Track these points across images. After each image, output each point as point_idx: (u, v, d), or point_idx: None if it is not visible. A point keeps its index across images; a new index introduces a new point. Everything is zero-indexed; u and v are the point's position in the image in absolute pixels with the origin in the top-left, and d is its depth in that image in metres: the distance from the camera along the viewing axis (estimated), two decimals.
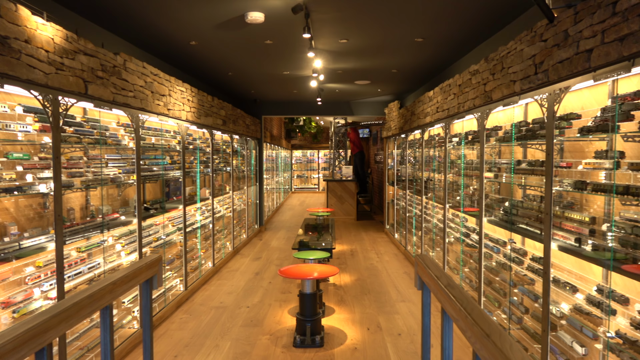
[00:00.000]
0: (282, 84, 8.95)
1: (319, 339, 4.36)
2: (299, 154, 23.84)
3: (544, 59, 3.15)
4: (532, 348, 3.67)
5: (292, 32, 5.24)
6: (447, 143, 5.75)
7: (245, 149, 10.04)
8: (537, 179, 3.73)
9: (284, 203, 18.20)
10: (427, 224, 6.97)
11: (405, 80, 8.60)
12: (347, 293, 6.06)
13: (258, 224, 11.38)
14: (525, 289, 3.84)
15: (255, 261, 8.05)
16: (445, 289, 1.73)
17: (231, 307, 5.54)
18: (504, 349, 1.18)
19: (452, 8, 4.46)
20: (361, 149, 15.36)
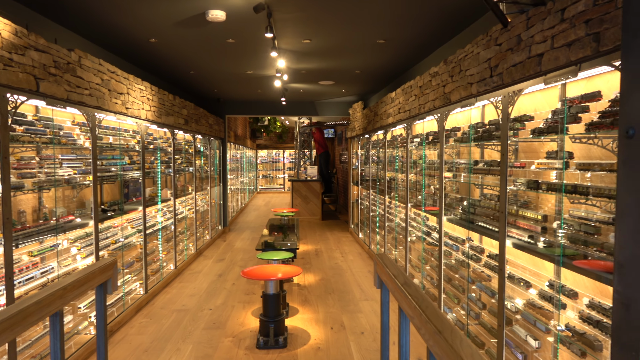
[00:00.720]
0: (245, 84, 8.87)
1: (282, 339, 4.35)
2: (264, 154, 23.70)
3: (499, 62, 3.25)
4: (490, 343, 3.79)
5: (255, 32, 5.21)
6: (409, 143, 5.85)
7: (209, 149, 9.89)
8: (493, 179, 3.84)
9: (249, 203, 18.04)
10: (390, 223, 7.07)
11: (368, 81, 8.70)
12: (311, 293, 6.07)
13: (222, 225, 11.23)
14: (483, 286, 3.96)
15: (218, 263, 7.94)
16: (401, 287, 1.75)
17: (193, 309, 5.45)
18: (455, 344, 1.21)
19: (413, 11, 4.55)
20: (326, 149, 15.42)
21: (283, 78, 7.62)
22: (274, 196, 21.30)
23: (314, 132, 15.46)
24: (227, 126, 11.46)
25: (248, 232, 11.13)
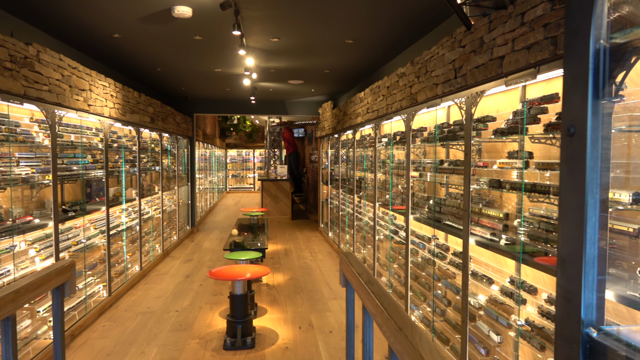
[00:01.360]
0: (214, 82, 8.75)
1: (250, 340, 4.31)
2: (234, 153, 23.45)
3: (463, 64, 3.32)
4: (454, 338, 3.86)
5: (222, 29, 5.14)
6: (377, 143, 5.90)
7: (176, 148, 9.72)
8: (458, 178, 3.92)
9: (218, 203, 17.83)
10: (359, 222, 7.12)
11: (338, 81, 8.73)
12: (280, 293, 6.05)
13: (190, 225, 11.05)
14: (448, 283, 4.03)
15: (186, 263, 7.81)
16: (365, 285, 1.76)
17: (159, 311, 5.34)
18: (414, 341, 1.22)
19: (381, 12, 4.59)
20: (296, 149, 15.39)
21: (252, 77, 7.56)
22: (244, 196, 21.12)
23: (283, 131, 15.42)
24: (195, 125, 11.28)
25: (217, 232, 10.99)
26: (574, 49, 0.56)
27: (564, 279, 0.58)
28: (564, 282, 0.58)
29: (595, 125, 0.54)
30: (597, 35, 0.53)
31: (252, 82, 8.42)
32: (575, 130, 0.56)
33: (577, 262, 0.55)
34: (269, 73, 7.83)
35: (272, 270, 7.22)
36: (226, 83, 8.86)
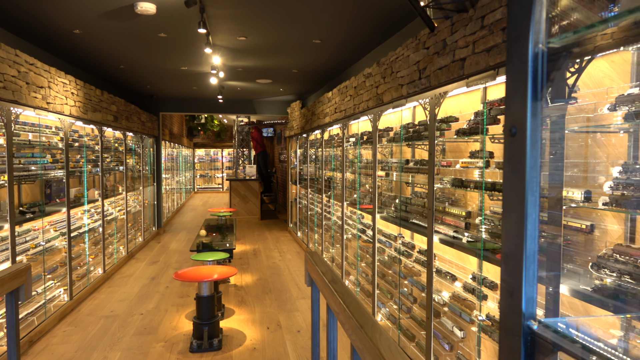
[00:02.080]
0: (180, 80, 8.60)
1: (216, 342, 4.27)
2: (201, 152, 23.12)
3: (427, 65, 3.38)
4: (420, 335, 3.93)
5: (188, 27, 5.06)
6: (345, 143, 5.94)
7: (141, 147, 9.50)
8: (423, 177, 4.00)
9: (186, 204, 17.54)
10: (328, 221, 7.15)
11: (306, 81, 8.73)
12: (248, 293, 6.01)
13: (156, 226, 10.83)
14: (414, 280, 4.10)
15: (151, 265, 7.65)
16: (329, 284, 1.77)
17: (123, 315, 5.21)
18: (374, 338, 1.24)
19: (347, 12, 4.62)
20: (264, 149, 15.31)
21: (219, 75, 7.47)
22: (212, 196, 20.85)
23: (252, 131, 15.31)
24: (161, 124, 11.06)
25: (184, 233, 10.81)
26: (515, 53, 0.58)
27: (507, 274, 0.60)
28: (506, 277, 0.61)
29: (534, 126, 0.57)
30: (535, 40, 0.55)
31: (219, 81, 8.33)
32: (516, 130, 0.58)
33: (518, 257, 0.58)
34: (237, 72, 7.76)
35: (240, 271, 7.16)
36: (193, 81, 8.73)
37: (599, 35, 0.51)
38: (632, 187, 1.88)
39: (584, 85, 2.46)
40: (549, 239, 2.42)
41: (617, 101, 1.98)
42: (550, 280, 2.21)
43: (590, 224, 2.26)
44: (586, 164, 2.42)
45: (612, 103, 2.03)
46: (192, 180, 22.22)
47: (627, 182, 1.91)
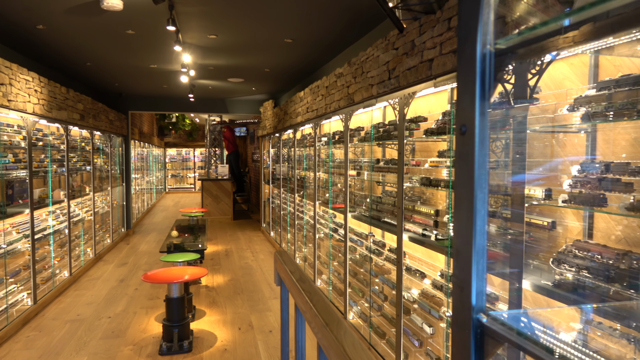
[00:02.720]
0: (150, 78, 8.44)
1: (187, 344, 4.21)
2: (173, 152, 22.75)
3: (396, 65, 3.42)
4: (390, 332, 3.98)
5: (157, 24, 4.97)
6: (317, 142, 5.95)
7: (109, 147, 9.28)
8: (393, 177, 4.04)
9: (157, 204, 17.23)
10: (301, 221, 7.14)
11: (278, 80, 8.71)
12: (219, 294, 5.95)
13: (125, 227, 10.60)
14: (385, 278, 4.14)
15: (120, 267, 7.48)
16: (296, 283, 1.78)
17: (90, 318, 5.08)
18: (339, 335, 1.25)
19: (318, 12, 4.63)
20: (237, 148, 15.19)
21: (190, 73, 7.37)
22: (184, 196, 20.55)
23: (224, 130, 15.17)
24: (130, 122, 10.83)
25: (154, 234, 10.62)
26: (464, 54, 0.60)
27: (458, 269, 0.62)
28: (457, 272, 0.62)
29: (483, 125, 0.58)
30: (483, 41, 0.57)
31: (190, 80, 8.21)
32: (466, 129, 0.60)
33: (467, 252, 0.59)
34: (208, 70, 7.67)
35: (212, 272, 7.08)
36: (163, 80, 8.58)
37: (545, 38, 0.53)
38: (589, 185, 1.96)
39: (546, 87, 2.54)
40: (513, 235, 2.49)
41: (575, 102, 2.06)
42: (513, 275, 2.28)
43: (551, 221, 2.33)
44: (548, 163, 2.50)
45: (571, 104, 2.10)
46: (163, 180, 21.84)
47: (584, 180, 1.98)
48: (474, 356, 0.58)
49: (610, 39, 1.77)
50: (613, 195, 1.91)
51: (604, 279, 1.90)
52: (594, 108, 1.94)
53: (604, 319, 1.87)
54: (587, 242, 2.12)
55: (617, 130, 2.15)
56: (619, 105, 1.83)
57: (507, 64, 0.60)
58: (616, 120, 1.84)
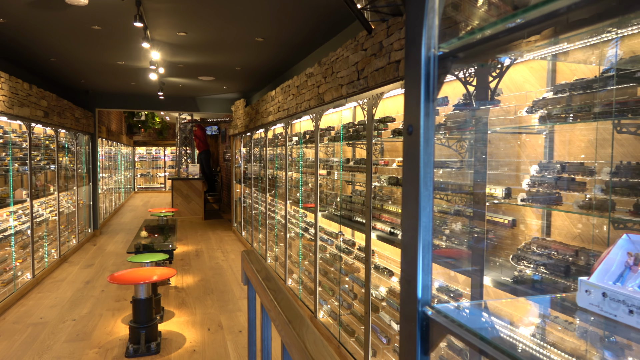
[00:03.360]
0: (117, 75, 8.26)
1: (154, 345, 4.15)
2: (142, 151, 22.30)
3: (365, 66, 3.46)
4: (359, 330, 4.02)
5: (124, 20, 4.88)
6: (288, 142, 5.95)
7: (75, 145, 9.03)
8: (363, 176, 4.09)
9: (125, 204, 16.86)
10: (272, 220, 7.13)
11: (250, 79, 8.66)
12: (189, 295, 5.88)
13: (92, 228, 10.34)
14: (355, 277, 4.18)
15: (86, 269, 7.30)
16: (262, 282, 1.78)
17: (54, 321, 4.94)
18: (301, 333, 1.26)
19: (289, 11, 4.63)
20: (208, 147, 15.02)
21: (159, 71, 7.25)
22: (154, 196, 20.18)
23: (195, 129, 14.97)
24: (97, 120, 10.57)
25: (122, 235, 10.40)
26: (411, 56, 0.62)
27: (405, 263, 0.64)
28: (405, 266, 0.65)
29: (427, 125, 0.61)
30: (428, 44, 0.59)
31: (159, 77, 8.07)
32: (412, 129, 0.62)
33: (414, 247, 0.62)
34: (178, 68, 7.56)
35: (181, 272, 6.99)
36: (131, 77, 8.41)
37: (483, 42, 0.56)
38: (546, 184, 2.03)
39: (508, 89, 2.62)
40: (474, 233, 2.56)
41: (533, 104, 2.13)
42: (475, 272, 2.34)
43: (511, 219, 2.41)
44: (510, 163, 2.58)
45: (530, 106, 2.17)
46: (132, 180, 21.38)
47: (542, 180, 2.06)
48: (419, 347, 0.61)
49: (565, 44, 1.85)
50: (568, 194, 1.99)
51: (561, 274, 1.98)
52: (550, 110, 2.02)
53: (560, 313, 1.94)
54: (544, 239, 2.20)
55: (573, 132, 2.24)
56: (574, 108, 1.91)
57: (450, 67, 0.62)
58: (567, 122, 1.92)
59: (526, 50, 1.35)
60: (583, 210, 1.84)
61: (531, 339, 0.63)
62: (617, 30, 1.66)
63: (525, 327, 0.70)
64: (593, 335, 0.68)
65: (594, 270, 0.67)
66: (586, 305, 0.65)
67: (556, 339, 0.68)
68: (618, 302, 0.59)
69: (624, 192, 1.74)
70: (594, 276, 0.66)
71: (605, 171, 1.85)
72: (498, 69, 2.10)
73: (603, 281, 0.64)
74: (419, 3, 0.58)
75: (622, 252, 0.66)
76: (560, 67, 2.34)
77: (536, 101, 2.14)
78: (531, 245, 2.20)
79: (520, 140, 2.56)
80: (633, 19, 1.61)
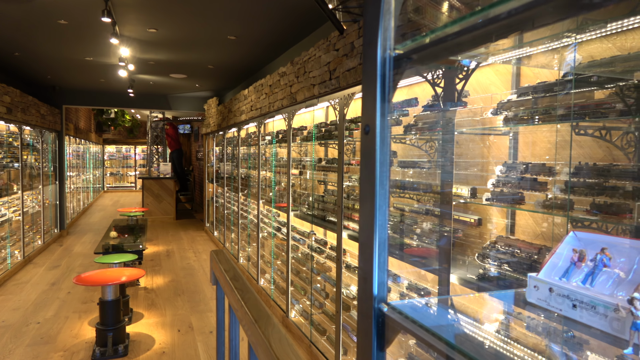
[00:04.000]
0: (85, 71, 8.05)
1: (122, 348, 4.06)
2: (112, 149, 21.79)
3: (336, 66, 3.48)
4: (330, 329, 4.04)
5: (92, 14, 4.76)
6: (261, 141, 5.92)
7: (41, 143, 8.75)
8: (335, 176, 4.11)
9: (94, 203, 16.46)
10: (245, 220, 7.08)
11: (223, 77, 8.58)
12: (159, 296, 5.78)
13: (58, 228, 10.05)
14: (327, 276, 4.20)
15: (52, 270, 7.09)
16: (230, 281, 1.77)
17: (17, 325, 4.78)
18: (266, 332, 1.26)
19: (262, 10, 4.61)
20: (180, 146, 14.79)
21: (129, 68, 7.10)
22: (124, 195, 19.75)
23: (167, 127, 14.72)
24: (64, 117, 10.27)
25: (90, 235, 10.14)
26: (367, 57, 0.63)
27: (362, 261, 0.65)
28: (362, 264, 0.66)
29: (383, 125, 0.62)
30: (384, 46, 0.61)
31: (129, 74, 7.91)
32: (369, 129, 0.63)
33: (370, 245, 0.63)
34: (148, 65, 7.43)
35: (151, 273, 6.87)
36: (100, 73, 8.21)
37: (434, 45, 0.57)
38: (509, 184, 2.09)
39: (474, 92, 2.68)
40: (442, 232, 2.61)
41: (498, 106, 2.19)
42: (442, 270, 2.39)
43: (478, 218, 2.46)
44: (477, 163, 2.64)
45: (495, 108, 2.23)
46: (102, 179, 20.88)
47: (505, 180, 2.12)
48: (375, 343, 0.62)
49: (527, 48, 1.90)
50: (531, 193, 2.05)
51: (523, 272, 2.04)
52: (514, 112, 2.07)
53: (514, 307, 2.00)
54: (508, 238, 2.27)
55: (536, 134, 2.31)
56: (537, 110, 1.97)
57: (405, 68, 0.64)
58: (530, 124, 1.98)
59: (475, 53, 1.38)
60: (544, 210, 1.90)
61: (481, 332, 0.65)
62: (575, 36, 1.72)
63: (478, 322, 0.72)
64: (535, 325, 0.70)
65: (542, 266, 0.70)
66: (534, 300, 0.67)
67: (507, 331, 0.71)
68: (563, 297, 0.61)
69: (583, 191, 1.80)
70: (542, 272, 0.69)
71: (565, 172, 1.91)
72: (464, 71, 2.15)
73: (550, 277, 0.67)
74: (376, 5, 0.59)
75: (569, 248, 0.69)
76: (525, 70, 2.40)
77: (501, 103, 2.20)
78: (496, 244, 2.26)
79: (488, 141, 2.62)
80: (591, 25, 1.68)
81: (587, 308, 0.58)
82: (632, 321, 0.52)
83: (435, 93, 2.28)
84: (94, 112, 18.05)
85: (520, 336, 0.70)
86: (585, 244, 0.69)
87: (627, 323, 0.53)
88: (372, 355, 0.61)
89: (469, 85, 2.56)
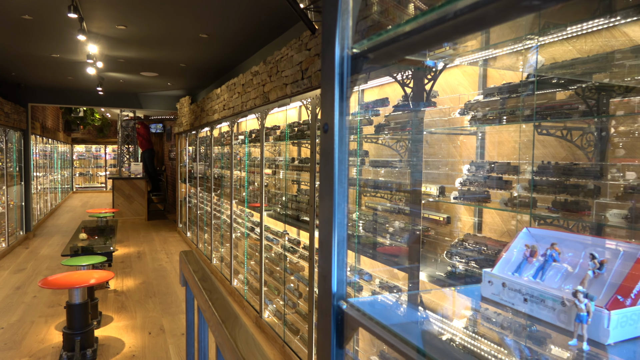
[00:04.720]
0: (52, 69, 7.82)
1: (90, 352, 3.97)
2: (81, 149, 21.23)
3: (308, 66, 3.48)
4: (304, 328, 4.04)
5: (57, 10, 4.62)
6: (234, 141, 5.88)
7: (5, 142, 8.46)
8: (308, 175, 4.11)
9: (62, 205, 16.00)
10: (218, 220, 7.01)
11: (195, 76, 8.47)
12: (129, 298, 5.67)
13: (24, 230, 9.73)
14: (300, 275, 4.20)
15: (17, 273, 6.86)
16: (198, 282, 1.75)
17: None
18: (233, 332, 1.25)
19: (234, 9, 4.57)
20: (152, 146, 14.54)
21: (97, 65, 6.93)
22: (94, 196, 19.28)
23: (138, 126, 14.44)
24: (30, 116, 9.95)
25: (58, 237, 9.86)
26: (326, 56, 0.63)
27: (322, 259, 0.66)
28: (321, 262, 0.66)
29: (342, 124, 0.63)
30: (342, 45, 0.61)
31: (98, 72, 7.72)
32: (328, 128, 0.63)
33: (329, 243, 0.63)
34: (118, 63, 7.27)
35: (122, 275, 6.73)
36: (67, 71, 7.99)
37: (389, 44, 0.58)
38: (476, 183, 2.13)
39: (443, 92, 2.72)
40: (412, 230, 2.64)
41: (465, 107, 2.23)
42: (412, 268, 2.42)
43: (446, 216, 2.51)
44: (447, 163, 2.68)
45: (462, 108, 2.27)
46: (71, 179, 20.32)
47: (472, 179, 2.16)
48: (334, 341, 0.62)
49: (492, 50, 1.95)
50: (496, 192, 2.10)
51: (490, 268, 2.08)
52: (481, 112, 2.12)
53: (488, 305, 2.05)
54: (476, 235, 2.31)
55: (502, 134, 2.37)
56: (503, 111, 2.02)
57: (362, 67, 0.64)
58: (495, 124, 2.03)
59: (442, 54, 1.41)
60: (508, 207, 1.95)
61: (437, 326, 0.66)
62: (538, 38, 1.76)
63: (437, 316, 0.74)
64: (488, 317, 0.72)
65: (497, 262, 0.72)
66: (489, 295, 0.69)
67: (463, 325, 0.72)
68: (515, 291, 0.63)
69: (545, 190, 1.85)
70: (496, 268, 0.70)
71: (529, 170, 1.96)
72: (432, 72, 2.18)
73: (503, 272, 0.69)
74: (333, 5, 0.60)
75: (522, 244, 0.71)
76: (491, 72, 2.46)
77: (468, 104, 2.24)
78: (464, 242, 2.30)
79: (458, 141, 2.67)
80: (552, 29, 1.73)
81: (537, 302, 0.60)
82: (576, 313, 0.54)
83: (405, 93, 2.30)
84: (62, 110, 17.54)
85: (478, 330, 0.71)
86: (537, 240, 0.71)
87: (572, 315, 0.55)
88: (332, 352, 0.61)
89: (438, 86, 2.60)
